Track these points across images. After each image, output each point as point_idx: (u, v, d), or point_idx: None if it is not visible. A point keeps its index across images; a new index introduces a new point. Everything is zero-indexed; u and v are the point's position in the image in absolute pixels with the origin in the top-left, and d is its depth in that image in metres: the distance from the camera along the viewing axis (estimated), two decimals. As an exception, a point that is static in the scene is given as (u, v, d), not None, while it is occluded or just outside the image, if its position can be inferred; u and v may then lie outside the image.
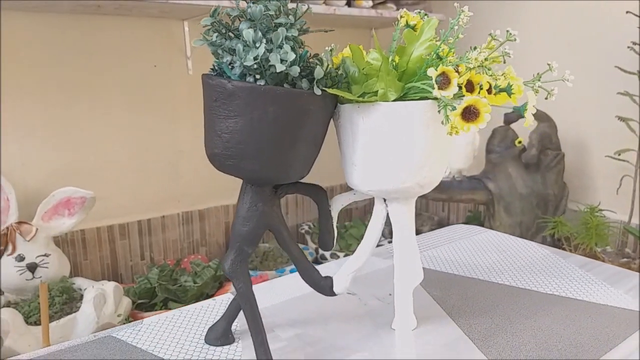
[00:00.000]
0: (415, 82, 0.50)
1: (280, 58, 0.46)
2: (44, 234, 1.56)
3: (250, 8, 0.48)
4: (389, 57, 0.54)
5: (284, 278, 0.82)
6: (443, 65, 0.46)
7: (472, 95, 0.47)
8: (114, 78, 1.76)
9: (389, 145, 0.50)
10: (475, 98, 0.44)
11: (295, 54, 0.47)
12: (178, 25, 1.85)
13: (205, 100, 0.51)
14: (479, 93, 0.48)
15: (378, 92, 0.51)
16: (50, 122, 1.66)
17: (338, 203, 0.60)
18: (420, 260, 0.57)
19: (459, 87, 0.47)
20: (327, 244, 0.60)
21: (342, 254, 1.97)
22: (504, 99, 0.51)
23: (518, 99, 0.51)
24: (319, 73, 0.49)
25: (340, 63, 0.53)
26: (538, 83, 0.50)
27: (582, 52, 1.79)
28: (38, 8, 1.55)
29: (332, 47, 0.55)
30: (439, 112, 0.47)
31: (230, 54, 0.49)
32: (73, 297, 1.52)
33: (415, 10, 0.55)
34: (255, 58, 0.46)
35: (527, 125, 0.50)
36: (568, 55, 1.81)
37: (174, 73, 1.87)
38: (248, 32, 0.47)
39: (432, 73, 0.46)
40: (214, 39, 0.49)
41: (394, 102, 0.49)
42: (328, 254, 1.97)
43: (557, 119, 1.75)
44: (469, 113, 0.44)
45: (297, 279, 0.78)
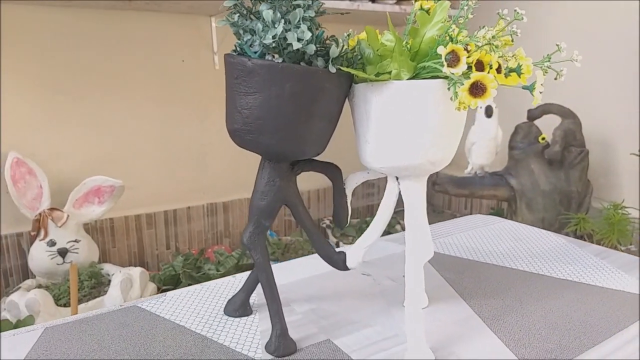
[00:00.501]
0: (427, 61, 0.52)
1: (297, 37, 0.49)
2: (75, 221, 1.62)
3: (270, -10, 0.50)
4: (404, 40, 0.56)
5: (303, 259, 0.85)
6: (453, 44, 0.48)
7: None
8: (144, 72, 1.82)
9: (401, 123, 0.52)
10: (482, 74, 0.46)
11: (312, 34, 0.50)
12: (205, 21, 1.90)
13: (227, 78, 0.53)
14: (489, 73, 0.50)
15: (391, 72, 0.53)
16: (83, 114, 1.73)
17: (352, 181, 0.62)
18: (431, 237, 0.59)
19: (469, 67, 0.49)
20: (341, 221, 0.62)
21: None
22: (515, 80, 0.53)
23: (528, 79, 0.52)
24: (334, 52, 0.51)
25: (356, 45, 0.56)
26: (547, 63, 0.51)
27: (608, 47, 1.78)
28: (73, 3, 1.61)
29: (349, 32, 0.58)
30: (449, 89, 0.49)
31: (251, 34, 0.51)
32: (101, 281, 1.58)
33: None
34: (274, 37, 0.49)
35: (535, 104, 0.51)
36: (593, 51, 1.80)
37: (201, 68, 1.91)
38: (267, 12, 0.49)
39: (441, 51, 0.47)
40: (236, 20, 0.52)
41: (406, 80, 0.51)
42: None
43: (581, 116, 1.74)
44: (476, 88, 0.46)
45: (314, 260, 0.81)
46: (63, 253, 1.59)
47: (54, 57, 1.65)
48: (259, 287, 0.60)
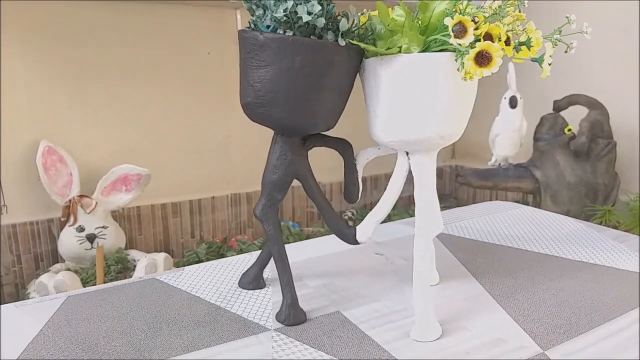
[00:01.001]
0: (436, 34, 0.52)
1: (307, 10, 0.50)
2: (103, 208, 1.67)
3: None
4: (415, 15, 0.56)
5: (318, 239, 0.86)
6: (460, 16, 0.48)
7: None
8: (171, 64, 1.86)
9: (410, 96, 0.53)
10: (488, 43, 0.46)
11: (321, 7, 0.51)
12: (231, 14, 1.93)
13: (241, 53, 0.55)
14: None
15: (402, 47, 0.54)
16: (112, 104, 1.78)
17: (363, 157, 0.63)
18: (440, 212, 0.60)
19: (478, 39, 0.49)
20: (352, 196, 0.63)
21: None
22: (525, 54, 0.53)
23: (538, 51, 0.52)
24: (344, 25, 0.52)
25: (367, 20, 0.56)
26: (556, 36, 0.51)
27: (637, 37, 1.73)
28: (102, -4, 1.66)
29: (363, 12, 0.59)
30: (456, 60, 0.49)
31: (263, 9, 0.53)
32: (127, 266, 1.62)
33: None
34: (285, 10, 0.50)
35: (544, 77, 0.51)
36: (622, 41, 1.76)
37: (227, 60, 1.94)
38: (278, -13, 0.51)
39: (448, 22, 0.48)
40: (249, -4, 0.54)
41: (415, 53, 0.52)
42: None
43: (609, 107, 1.70)
44: (482, 58, 0.47)
45: (328, 240, 0.82)
46: (91, 238, 1.64)
47: (84, 48, 1.70)
48: (273, 262, 0.61)
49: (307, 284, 0.69)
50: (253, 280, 0.67)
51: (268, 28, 0.53)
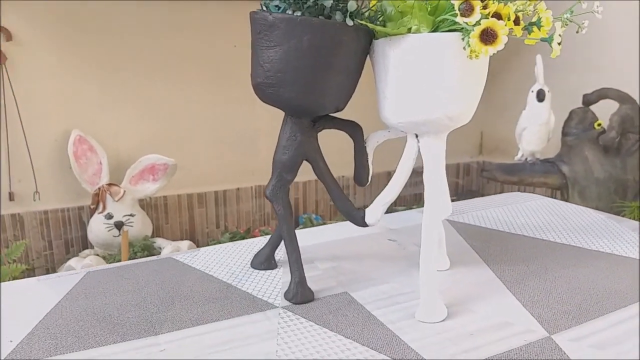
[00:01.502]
0: (445, 14, 0.52)
1: (316, -9, 0.51)
2: (131, 196, 1.72)
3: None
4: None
5: (332, 225, 0.87)
6: (468, -5, 0.48)
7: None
8: (199, 56, 1.89)
9: (418, 76, 0.53)
10: (493, 20, 0.46)
11: (330, -12, 0.51)
12: (257, 7, 1.94)
13: (252, 35, 0.56)
14: (506, 25, 0.50)
15: (411, 28, 0.54)
16: (141, 96, 1.82)
17: (373, 140, 0.63)
18: (449, 195, 0.60)
19: (486, 18, 0.49)
20: (362, 180, 0.64)
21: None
22: (537, 34, 0.52)
23: (549, 32, 0.52)
24: (352, 6, 0.53)
25: (377, 2, 0.57)
26: (567, 15, 0.50)
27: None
28: (133, -10, 1.70)
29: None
30: (463, 39, 0.49)
31: (273, -9, 0.54)
32: (152, 253, 1.66)
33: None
34: (293, -9, 0.51)
35: (554, 57, 0.51)
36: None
37: (253, 53, 1.96)
38: (288, -32, 0.52)
39: (456, 1, 0.48)
40: (260, -23, 0.55)
41: (423, 33, 0.52)
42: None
43: (642, 102, 1.65)
44: (487, 35, 0.46)
45: (342, 226, 0.83)
46: (119, 226, 1.68)
47: (115, 42, 1.75)
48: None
49: (317, 266, 0.69)
50: (265, 261, 0.68)
51: (278, 9, 0.53)
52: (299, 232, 0.84)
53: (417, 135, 0.59)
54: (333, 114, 0.61)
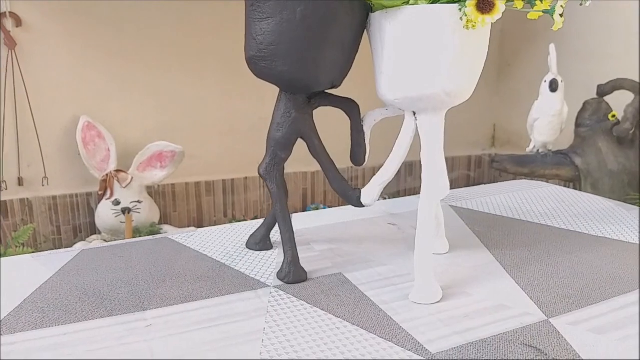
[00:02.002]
0: (443, -14, 0.50)
1: (309, -40, 0.49)
2: (138, 183, 1.72)
3: None
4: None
5: (333, 209, 0.85)
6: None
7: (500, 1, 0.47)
8: (208, 45, 1.88)
9: (414, 50, 0.52)
10: (490, -13, 0.44)
11: (324, -43, 0.50)
12: (268, -5, 1.93)
13: (245, 7, 0.55)
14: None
15: (409, 1, 0.52)
16: (150, 84, 1.82)
17: (370, 118, 0.62)
18: (447, 175, 0.58)
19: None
20: (358, 158, 0.62)
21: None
22: (539, 7, 0.50)
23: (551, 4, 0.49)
24: (347, -24, 0.51)
25: (375, -26, 0.55)
26: (571, -15, 0.48)
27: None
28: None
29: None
30: (460, 9, 0.47)
31: (267, -39, 0.52)
32: (159, 240, 1.67)
33: None
34: (287, -39, 0.50)
35: (555, 29, 0.49)
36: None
37: (262, 41, 1.95)
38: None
39: (453, -31, 0.46)
40: (253, -52, 0.53)
41: (419, 5, 0.50)
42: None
43: (659, 93, 1.61)
44: (484, 3, 0.45)
45: (343, 210, 0.82)
46: (126, 212, 1.69)
47: (125, 30, 1.75)
48: None
49: (313, 248, 0.68)
50: (260, 241, 0.67)
51: (272, -20, 0.52)
52: (299, 215, 0.83)
53: (414, 113, 0.57)
54: (329, 91, 0.60)
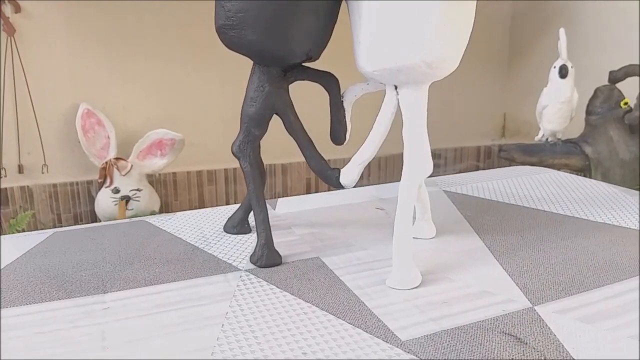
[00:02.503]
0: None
1: None
2: (138, 171, 1.71)
3: None
4: None
5: (321, 194, 0.82)
6: None
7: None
8: (209, 33, 1.85)
9: (393, 18, 0.48)
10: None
11: None
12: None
13: (214, -26, 0.52)
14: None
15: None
16: (151, 71, 1.80)
17: (351, 93, 0.58)
18: (430, 153, 0.54)
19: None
20: (338, 136, 0.59)
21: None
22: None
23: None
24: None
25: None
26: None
27: None
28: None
29: None
30: (437, -30, 0.44)
31: None
32: (158, 229, 1.65)
33: None
34: None
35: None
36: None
37: (265, 28, 1.92)
38: None
39: None
40: None
41: (396, -33, 0.47)
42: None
43: (674, 79, 1.54)
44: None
45: (331, 195, 0.78)
46: (126, 200, 1.67)
47: (125, 17, 1.73)
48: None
49: (294, 232, 0.65)
50: (237, 225, 0.65)
51: (240, -57, 0.49)
52: (284, 200, 0.80)
53: (396, 87, 0.54)
54: (307, 65, 0.57)
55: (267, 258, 0.55)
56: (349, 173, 0.57)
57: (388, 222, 0.68)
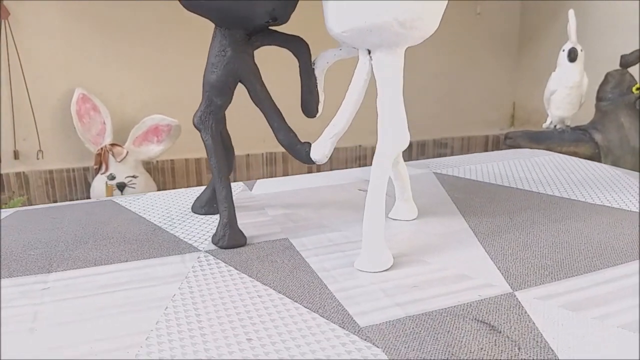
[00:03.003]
0: None
1: None
2: (134, 157, 1.68)
3: None
4: None
5: (300, 175, 0.78)
6: None
7: None
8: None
9: (360, -29, 0.43)
10: None
11: None
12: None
13: None
14: None
15: None
16: (149, 56, 1.76)
17: (323, 60, 0.54)
18: (407, 124, 0.50)
19: None
20: (310, 107, 0.54)
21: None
22: None
23: None
24: None
25: None
26: None
27: None
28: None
29: None
30: None
31: None
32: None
33: None
34: None
35: None
36: None
37: (265, 12, 1.87)
38: None
39: None
40: None
41: None
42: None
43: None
44: None
45: (312, 177, 0.74)
46: (121, 187, 1.65)
47: (121, 1, 1.70)
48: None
49: (266, 213, 0.61)
50: (205, 204, 0.61)
51: None
52: (264, 180, 0.76)
53: (369, 52, 0.49)
54: (274, 28, 0.52)
55: (229, 238, 0.50)
56: (321, 147, 0.53)
57: (369, 203, 0.64)
